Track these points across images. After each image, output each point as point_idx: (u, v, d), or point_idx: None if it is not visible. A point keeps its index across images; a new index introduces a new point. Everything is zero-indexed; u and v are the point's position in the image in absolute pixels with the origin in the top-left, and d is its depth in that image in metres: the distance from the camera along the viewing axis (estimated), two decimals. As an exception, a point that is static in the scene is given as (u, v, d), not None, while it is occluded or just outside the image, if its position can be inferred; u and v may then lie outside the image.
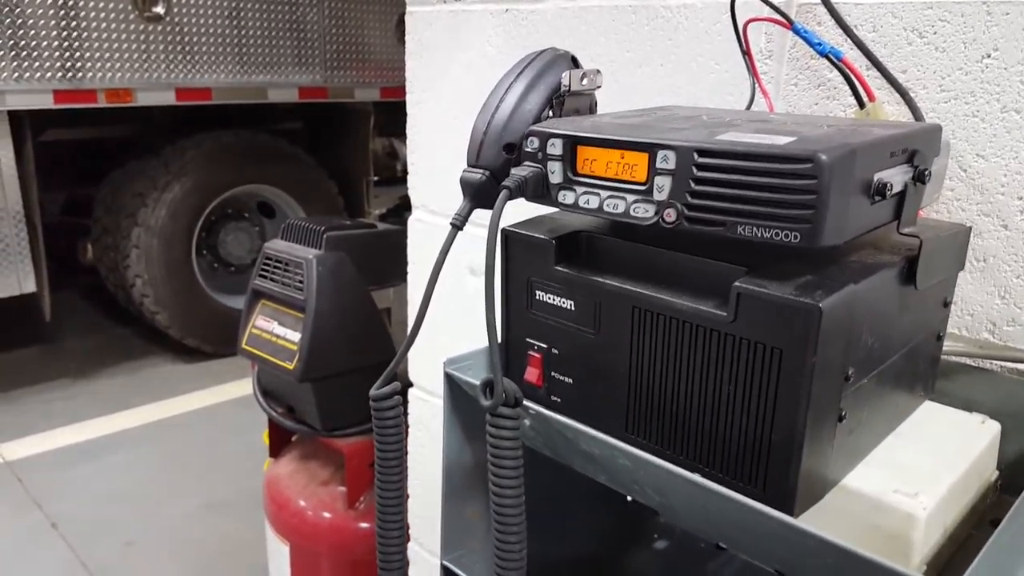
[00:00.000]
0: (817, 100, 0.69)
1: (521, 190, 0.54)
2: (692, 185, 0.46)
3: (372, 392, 0.58)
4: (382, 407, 0.59)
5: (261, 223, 3.65)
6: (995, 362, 0.63)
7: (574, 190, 0.53)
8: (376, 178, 3.86)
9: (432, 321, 1.14)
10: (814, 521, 0.50)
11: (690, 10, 0.76)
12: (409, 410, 1.26)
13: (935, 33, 0.62)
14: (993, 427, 0.60)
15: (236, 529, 2.21)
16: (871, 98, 0.62)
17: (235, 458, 2.57)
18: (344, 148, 3.83)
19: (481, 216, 0.53)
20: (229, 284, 3.46)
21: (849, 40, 0.65)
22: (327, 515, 1.42)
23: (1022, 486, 0.52)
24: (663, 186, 0.47)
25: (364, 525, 1.42)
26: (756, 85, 0.68)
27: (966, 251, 0.58)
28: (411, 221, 1.17)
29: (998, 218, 0.62)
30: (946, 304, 0.58)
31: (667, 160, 0.47)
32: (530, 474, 0.52)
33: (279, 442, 1.58)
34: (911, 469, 0.53)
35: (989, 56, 0.60)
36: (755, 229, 0.44)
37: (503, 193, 0.53)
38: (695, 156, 0.46)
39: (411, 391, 1.25)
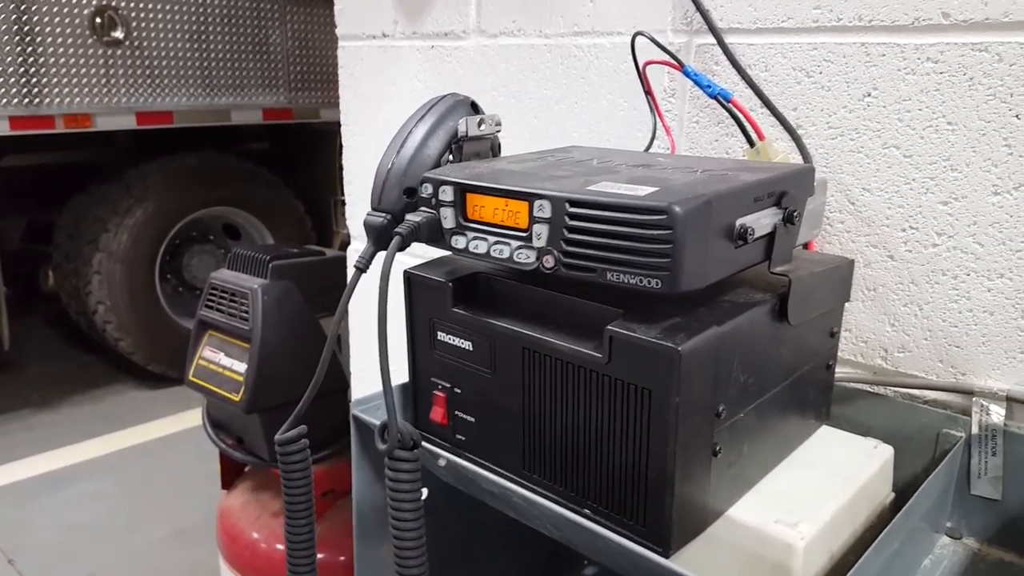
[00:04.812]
0: (717, 137, 0.71)
1: (415, 235, 0.56)
2: (566, 233, 0.48)
3: (277, 437, 0.59)
4: (288, 451, 0.60)
5: (227, 245, 3.63)
6: (888, 388, 0.65)
7: (465, 235, 0.54)
8: (343, 197, 3.85)
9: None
10: (698, 553, 0.51)
11: (599, 50, 0.78)
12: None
13: (821, 73, 0.65)
14: (886, 451, 0.62)
15: (202, 558, 2.18)
16: (760, 137, 0.64)
17: (201, 485, 2.54)
18: (311, 168, 3.83)
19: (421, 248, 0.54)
20: (194, 308, 3.41)
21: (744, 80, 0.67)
22: (280, 547, 1.41)
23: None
24: (541, 234, 0.49)
25: (320, 555, 1.41)
26: (658, 123, 0.71)
27: (850, 283, 0.61)
28: (350, 251, 1.18)
29: (885, 249, 0.64)
30: (833, 334, 0.60)
31: (543, 209, 0.49)
32: (460, 507, 0.53)
33: (231, 473, 1.57)
34: (797, 497, 0.55)
35: (870, 95, 0.63)
36: (622, 276, 0.46)
37: (395, 240, 0.54)
38: (567, 206, 0.47)
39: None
